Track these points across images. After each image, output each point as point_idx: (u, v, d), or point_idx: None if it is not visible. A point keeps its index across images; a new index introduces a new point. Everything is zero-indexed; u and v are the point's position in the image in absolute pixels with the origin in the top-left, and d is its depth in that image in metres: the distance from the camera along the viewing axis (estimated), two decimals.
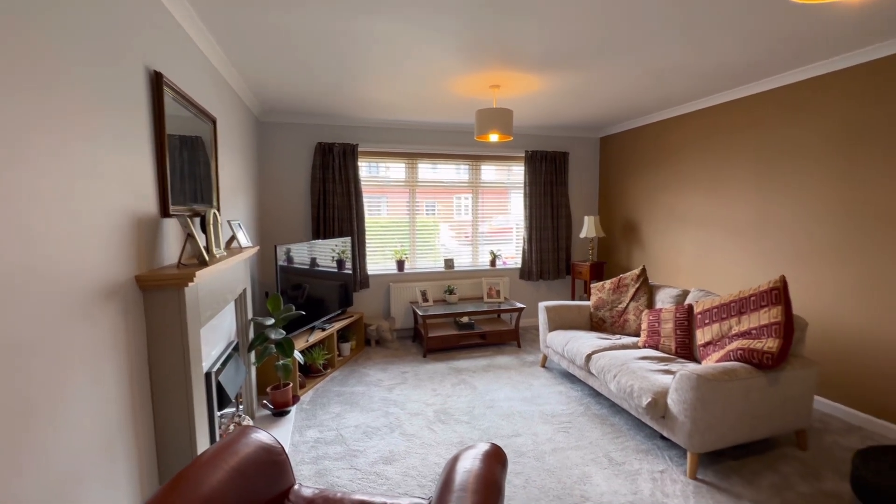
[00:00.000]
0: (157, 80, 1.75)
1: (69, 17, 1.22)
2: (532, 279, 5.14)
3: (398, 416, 2.98)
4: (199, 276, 1.65)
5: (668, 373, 2.62)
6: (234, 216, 3.15)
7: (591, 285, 3.89)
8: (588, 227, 4.85)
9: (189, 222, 1.84)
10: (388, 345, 4.55)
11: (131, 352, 1.53)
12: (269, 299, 2.93)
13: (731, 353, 2.45)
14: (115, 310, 1.42)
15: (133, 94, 1.59)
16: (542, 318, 3.79)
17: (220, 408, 2.18)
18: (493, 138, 3.43)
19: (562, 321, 3.72)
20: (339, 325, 3.97)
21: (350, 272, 4.38)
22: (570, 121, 4.72)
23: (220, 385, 2.16)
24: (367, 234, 4.69)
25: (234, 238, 2.69)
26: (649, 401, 2.41)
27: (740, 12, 2.15)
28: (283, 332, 2.82)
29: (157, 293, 1.61)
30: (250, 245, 2.86)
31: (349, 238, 4.36)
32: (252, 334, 2.93)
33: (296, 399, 3.10)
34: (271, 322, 2.84)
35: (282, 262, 3.48)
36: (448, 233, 5.08)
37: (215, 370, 2.10)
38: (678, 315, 3.03)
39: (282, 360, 2.99)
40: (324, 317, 3.93)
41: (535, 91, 3.49)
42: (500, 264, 5.21)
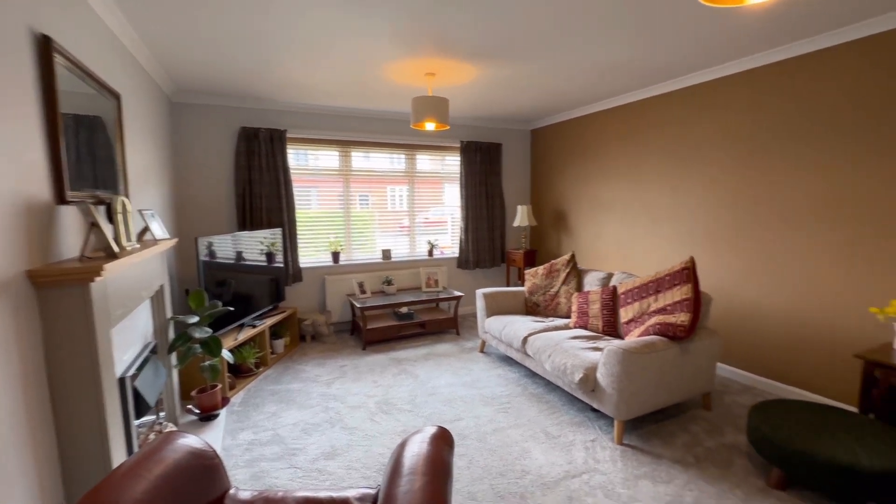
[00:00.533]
0: (45, 44, 1.52)
1: None
2: (469, 268, 5.24)
3: (339, 411, 2.90)
4: (108, 269, 1.47)
5: (596, 350, 2.81)
6: (147, 205, 2.85)
7: (525, 271, 4.05)
8: (521, 217, 5.04)
9: (92, 210, 1.63)
10: (324, 339, 4.40)
11: (24, 357, 1.32)
12: (190, 296, 2.70)
13: (650, 328, 2.69)
14: (1, 309, 1.22)
15: (14, 58, 1.36)
16: (479, 304, 3.88)
17: (139, 416, 1.98)
18: (430, 127, 3.42)
19: (498, 307, 3.84)
20: (270, 321, 3.76)
21: (281, 265, 4.16)
22: (503, 112, 4.84)
23: (136, 391, 1.95)
24: (299, 226, 4.48)
25: (147, 230, 2.42)
26: (581, 376, 2.57)
27: (659, 14, 2.33)
28: (209, 331, 2.61)
29: (56, 290, 1.41)
30: (167, 237, 2.60)
31: (279, 230, 4.13)
32: (173, 334, 2.68)
33: (225, 401, 2.90)
34: (195, 320, 2.61)
35: (204, 256, 3.22)
36: (385, 223, 5.00)
37: (130, 375, 1.89)
38: (604, 296, 3.26)
39: (208, 360, 2.77)
40: (254, 313, 3.70)
41: (470, 81, 3.53)
42: (437, 254, 5.24)
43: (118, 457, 1.60)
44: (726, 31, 2.59)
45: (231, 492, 1.45)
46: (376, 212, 4.95)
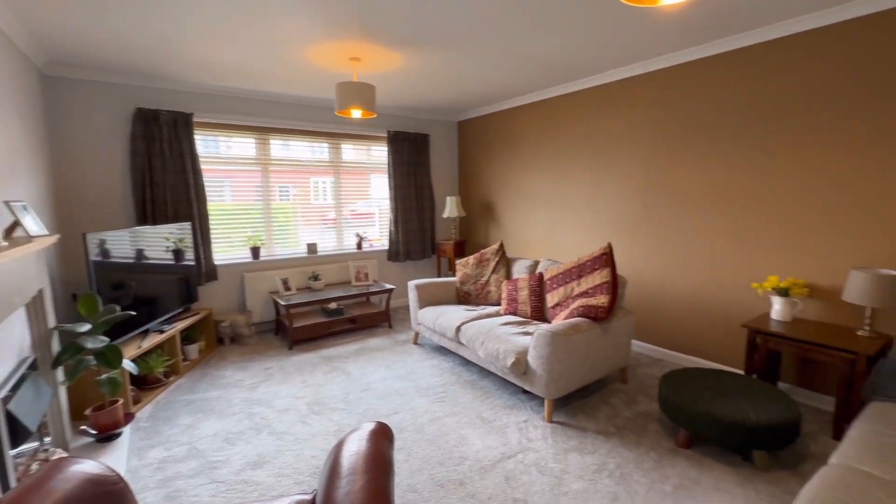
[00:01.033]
0: None
1: None
2: (400, 260, 5.18)
3: (265, 416, 2.71)
4: None
5: (526, 334, 2.92)
6: (17, 196, 2.40)
7: (457, 262, 4.10)
8: (450, 208, 5.08)
9: None
10: (245, 341, 4.09)
11: None
12: (80, 301, 2.33)
13: (574, 311, 2.85)
14: None
15: None
16: (412, 296, 3.85)
17: (16, 444, 1.68)
18: (356, 114, 3.29)
19: (431, 298, 3.84)
20: (181, 324, 3.40)
21: (192, 263, 3.77)
22: (430, 103, 4.81)
23: (11, 416, 1.65)
24: (212, 220, 4.09)
25: (17, 224, 2.05)
26: (513, 360, 2.66)
27: (580, 11, 2.44)
28: (106, 340, 2.29)
29: None
30: (45, 233, 2.22)
31: (188, 224, 3.74)
32: (58, 346, 2.31)
33: (129, 417, 2.57)
34: (86, 328, 2.27)
35: (95, 255, 2.80)
36: (309, 216, 4.75)
37: (3, 397, 1.59)
38: (532, 283, 3.40)
39: (105, 373, 2.43)
40: (161, 317, 3.32)
41: (397, 68, 3.45)
42: (366, 247, 5.11)
43: None
44: (638, 32, 2.79)
45: None
46: (299, 204, 4.68)
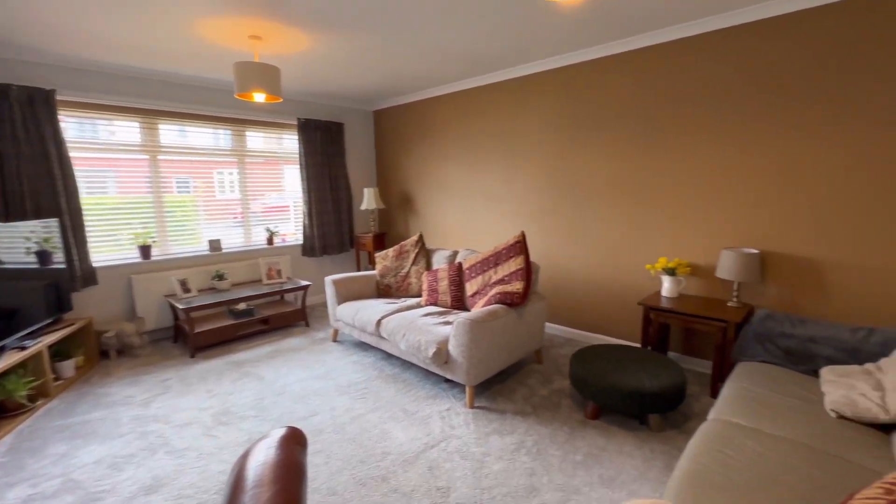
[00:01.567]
0: None
1: None
2: (316, 255, 4.94)
3: (162, 433, 2.42)
4: None
5: (447, 324, 2.95)
6: None
7: (376, 254, 4.00)
8: (368, 199, 4.95)
9: None
10: (136, 352, 3.63)
11: None
12: None
13: (491, 298, 2.93)
14: None
15: None
16: (329, 292, 3.69)
17: None
18: (259, 98, 3.04)
19: (349, 293, 3.72)
20: (50, 338, 2.91)
21: (63, 266, 3.23)
22: (344, 91, 4.62)
23: None
24: (88, 215, 3.53)
25: None
26: (434, 350, 2.67)
27: (483, 3, 2.48)
28: None
29: None
30: None
31: (55, 220, 3.18)
32: None
33: None
34: None
35: None
36: (213, 210, 4.31)
37: None
38: (451, 273, 3.43)
39: None
40: (21, 331, 2.80)
41: (303, 51, 3.24)
42: (279, 242, 4.79)
43: None
44: (541, 29, 2.91)
45: None
46: (203, 197, 4.23)
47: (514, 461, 2.13)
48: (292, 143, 4.84)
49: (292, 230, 5.01)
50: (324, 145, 4.91)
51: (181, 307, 3.50)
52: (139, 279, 3.73)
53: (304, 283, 4.29)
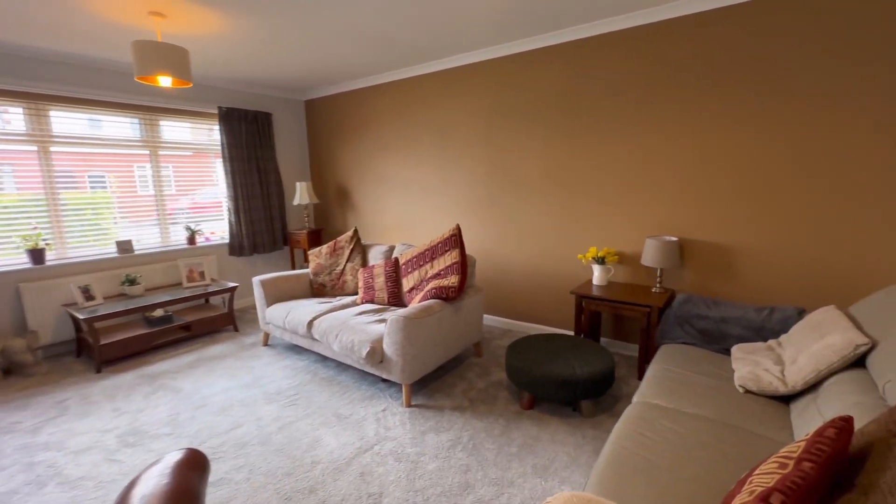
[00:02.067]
0: None
1: None
2: (245, 254, 4.62)
3: (54, 462, 2.13)
4: None
5: (382, 322, 2.85)
6: None
7: (309, 252, 3.80)
8: (301, 194, 4.70)
9: None
10: (29, 371, 3.19)
11: None
12: None
13: (427, 293, 2.87)
14: None
15: None
16: (257, 293, 3.45)
17: None
18: (165, 82, 2.74)
19: (280, 293, 3.50)
20: None
21: None
22: (271, 79, 4.33)
23: None
24: None
25: None
26: (368, 350, 2.56)
27: None
28: None
29: None
30: None
31: None
32: None
33: None
34: None
35: None
36: (130, 208, 3.88)
37: None
38: (387, 269, 3.33)
39: None
40: None
41: (215, 33, 2.97)
42: (202, 241, 4.42)
43: None
44: (471, 17, 2.87)
45: None
46: (119, 195, 3.78)
47: (450, 459, 2.08)
48: (216, 133, 4.48)
49: (226, 228, 4.65)
50: (250, 136, 4.58)
51: (83, 317, 3.11)
52: (29, 288, 3.28)
53: (231, 284, 3.99)
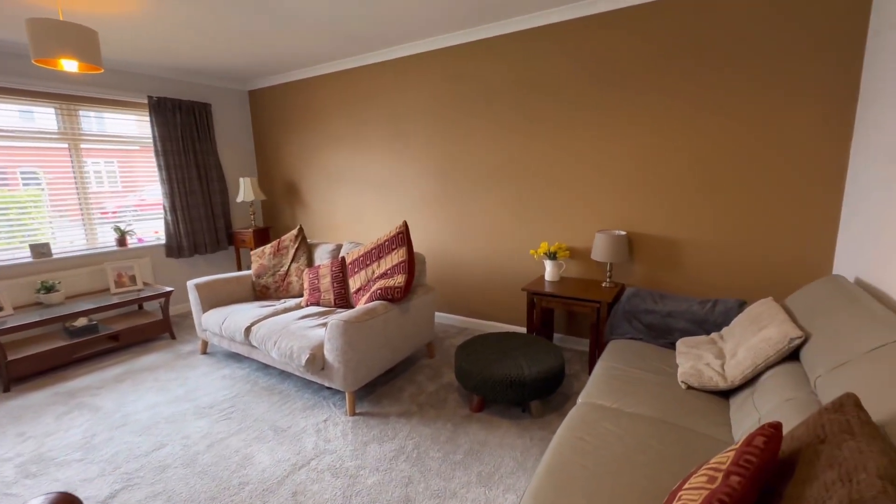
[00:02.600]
0: None
1: None
2: (185, 255, 4.31)
3: None
4: None
5: (325, 326, 2.69)
6: None
7: (252, 252, 3.57)
8: (245, 190, 4.42)
9: None
10: None
11: None
12: None
13: (373, 295, 2.73)
14: None
15: None
16: (192, 298, 3.20)
17: None
18: (70, 66, 2.45)
19: (219, 298, 3.26)
20: None
21: None
22: (210, 67, 4.02)
23: None
24: None
25: None
26: (308, 357, 2.40)
27: None
28: None
29: None
30: None
31: None
32: None
33: None
34: None
35: None
36: (66, 208, 3.50)
37: None
38: (334, 269, 3.16)
39: None
40: None
41: (129, 13, 2.68)
42: (134, 243, 4.08)
43: None
44: (420, 4, 2.72)
45: None
46: (54, 193, 3.40)
47: (391, 471, 1.97)
48: (148, 126, 4.13)
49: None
50: (187, 129, 4.26)
51: None
52: None
53: (166, 289, 3.69)
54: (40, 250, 3.47)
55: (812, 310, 1.79)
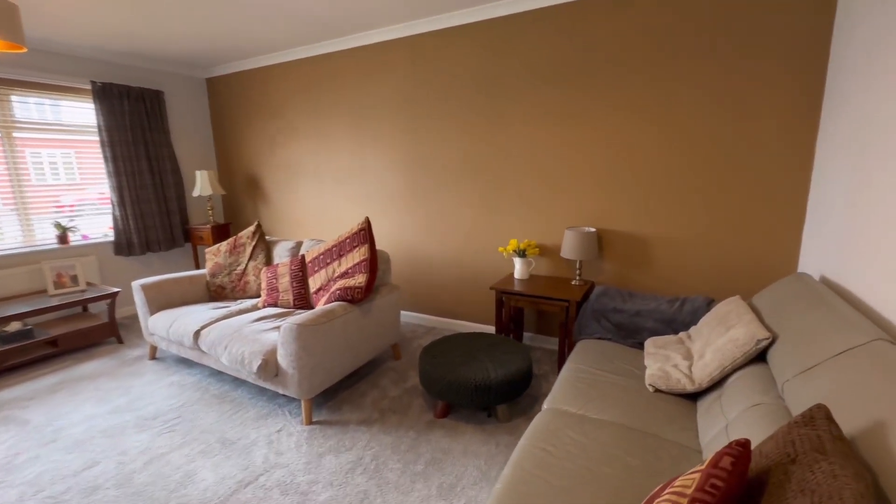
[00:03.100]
0: None
1: None
2: (135, 253, 4.03)
3: None
4: None
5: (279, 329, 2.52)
6: None
7: (206, 250, 3.35)
8: (202, 184, 4.16)
9: None
10: None
11: None
12: None
13: (332, 295, 2.58)
14: None
15: None
16: (138, 300, 2.97)
17: None
18: None
19: (169, 299, 3.04)
20: None
21: None
22: (162, 52, 3.75)
23: None
24: None
25: None
26: (260, 363, 2.24)
27: None
28: None
29: None
30: None
31: None
32: None
33: None
34: None
35: None
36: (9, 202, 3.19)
37: None
38: (293, 267, 2.98)
39: None
40: None
41: None
42: (78, 240, 3.78)
43: None
44: None
45: None
46: None
47: (346, 485, 1.84)
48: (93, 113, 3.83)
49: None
50: (136, 117, 3.97)
51: None
52: None
53: (112, 289, 3.43)
54: None
55: (779, 309, 1.75)
